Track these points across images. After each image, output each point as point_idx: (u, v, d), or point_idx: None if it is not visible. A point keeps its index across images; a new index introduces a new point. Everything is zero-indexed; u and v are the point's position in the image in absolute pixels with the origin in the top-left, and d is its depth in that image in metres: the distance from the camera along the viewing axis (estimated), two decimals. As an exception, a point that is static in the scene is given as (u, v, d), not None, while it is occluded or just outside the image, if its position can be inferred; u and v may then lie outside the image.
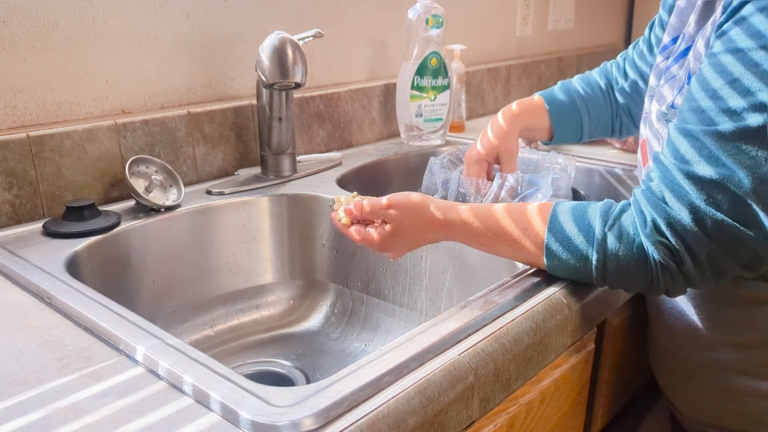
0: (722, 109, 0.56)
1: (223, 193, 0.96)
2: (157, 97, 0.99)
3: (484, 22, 1.64)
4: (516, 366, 0.59)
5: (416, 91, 1.23)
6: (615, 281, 0.62)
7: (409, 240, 0.70)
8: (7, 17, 0.83)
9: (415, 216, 0.68)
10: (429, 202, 0.69)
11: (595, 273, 0.62)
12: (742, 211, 0.56)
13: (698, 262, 0.58)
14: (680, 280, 0.60)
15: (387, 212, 0.69)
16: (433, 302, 0.90)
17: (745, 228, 0.56)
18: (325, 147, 1.22)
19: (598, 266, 0.61)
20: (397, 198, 0.69)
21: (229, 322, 0.93)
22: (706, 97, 0.58)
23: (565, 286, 0.67)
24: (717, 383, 0.71)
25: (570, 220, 0.63)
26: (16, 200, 0.84)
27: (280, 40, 0.91)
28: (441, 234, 0.69)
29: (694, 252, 0.58)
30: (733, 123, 0.55)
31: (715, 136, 0.56)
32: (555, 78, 1.90)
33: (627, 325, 0.81)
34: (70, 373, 0.52)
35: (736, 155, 0.55)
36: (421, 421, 0.49)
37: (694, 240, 0.57)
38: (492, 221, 0.66)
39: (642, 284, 0.61)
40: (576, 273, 0.64)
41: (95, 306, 0.61)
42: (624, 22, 2.25)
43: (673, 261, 0.59)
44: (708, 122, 0.57)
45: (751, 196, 0.55)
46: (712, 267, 0.59)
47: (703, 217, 0.56)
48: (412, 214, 0.68)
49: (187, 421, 0.46)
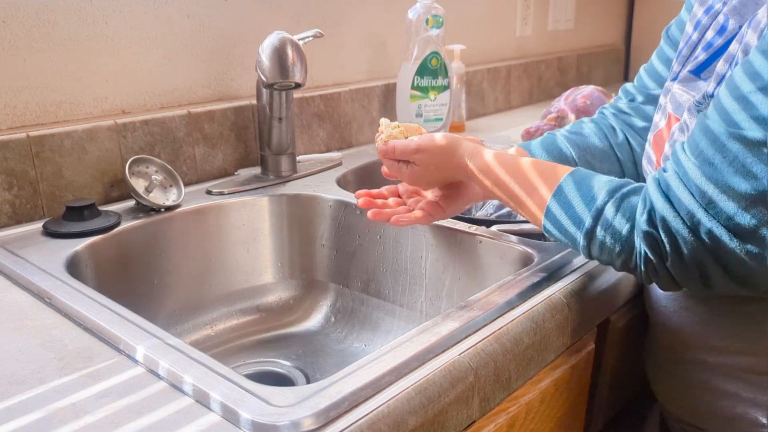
0: (752, 116, 0.53)
1: (223, 193, 0.96)
2: (157, 97, 0.99)
3: (484, 22, 1.64)
4: (516, 366, 0.59)
5: (416, 91, 1.23)
6: (599, 255, 0.63)
7: (437, 178, 0.76)
8: (7, 17, 0.83)
9: (440, 160, 0.73)
10: (456, 145, 0.73)
11: (582, 241, 0.62)
12: (741, 223, 0.54)
13: (683, 263, 0.57)
14: (664, 276, 0.59)
15: (414, 156, 0.74)
16: (433, 302, 0.90)
17: (740, 241, 0.54)
18: (325, 147, 1.22)
19: (584, 247, 0.62)
20: (424, 142, 0.74)
21: (229, 322, 0.93)
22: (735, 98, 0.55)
23: (565, 286, 0.67)
24: (698, 382, 0.70)
25: (574, 189, 0.63)
26: (16, 200, 0.84)
27: (280, 40, 0.91)
28: (465, 176, 0.73)
29: (680, 252, 0.56)
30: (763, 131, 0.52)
31: (736, 141, 0.53)
32: (555, 78, 1.90)
33: (630, 326, 0.81)
34: (70, 373, 0.52)
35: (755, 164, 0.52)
36: (421, 421, 0.49)
37: (683, 240, 0.56)
38: (512, 172, 0.68)
39: (623, 267, 0.62)
40: (567, 236, 0.64)
41: (95, 306, 0.61)
42: (624, 22, 2.25)
43: (657, 255, 0.58)
44: (733, 125, 0.54)
45: (753, 209, 0.53)
46: (699, 271, 0.57)
47: (700, 221, 0.55)
48: (438, 158, 0.73)
49: (187, 421, 0.46)
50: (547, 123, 1.27)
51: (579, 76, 2.02)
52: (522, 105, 1.78)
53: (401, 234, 0.90)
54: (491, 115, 1.65)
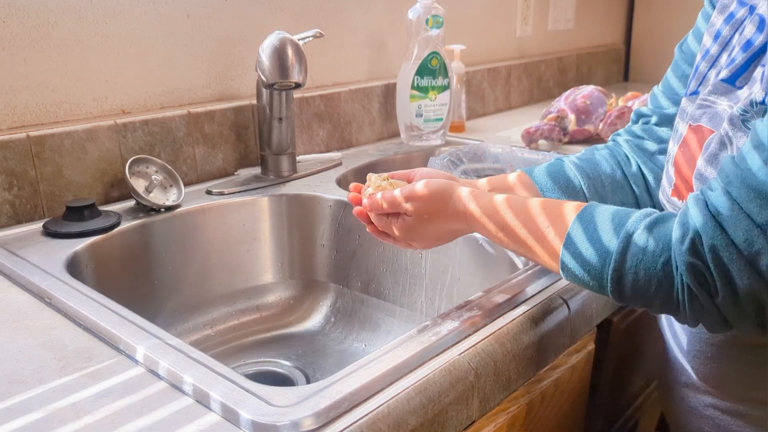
0: None
1: (223, 193, 0.96)
2: (157, 97, 0.99)
3: (484, 22, 1.64)
4: (516, 366, 0.59)
5: (416, 91, 1.23)
6: (632, 294, 0.53)
7: (432, 232, 0.66)
8: (7, 17, 0.82)
9: (435, 207, 0.64)
10: (452, 189, 0.64)
11: (610, 282, 0.53)
12: None
13: (737, 298, 0.48)
14: (713, 314, 0.50)
15: (404, 206, 0.65)
16: (433, 302, 0.90)
17: None
18: (325, 147, 1.22)
19: (612, 289, 0.53)
20: (415, 188, 0.64)
21: (229, 322, 0.93)
22: None
23: (565, 286, 0.67)
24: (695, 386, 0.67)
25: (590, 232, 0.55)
26: (17, 200, 0.84)
27: (280, 40, 0.91)
28: (464, 225, 0.64)
29: (734, 285, 0.47)
30: None
31: None
32: (555, 78, 1.90)
33: (632, 327, 0.81)
34: (70, 373, 0.52)
35: None
36: (421, 421, 0.49)
37: (738, 273, 0.47)
38: (519, 215, 0.60)
39: (663, 308, 0.52)
40: (591, 274, 0.55)
41: (95, 306, 0.61)
42: (624, 22, 2.25)
43: (704, 290, 0.49)
44: None
45: None
46: (756, 311, 0.48)
47: (760, 251, 0.46)
48: (431, 205, 0.64)
49: (188, 421, 0.46)
50: (547, 123, 1.27)
51: (579, 76, 2.02)
52: (522, 105, 1.78)
53: (401, 234, 0.90)
54: (491, 115, 1.65)
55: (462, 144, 1.26)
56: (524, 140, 1.26)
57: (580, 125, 1.28)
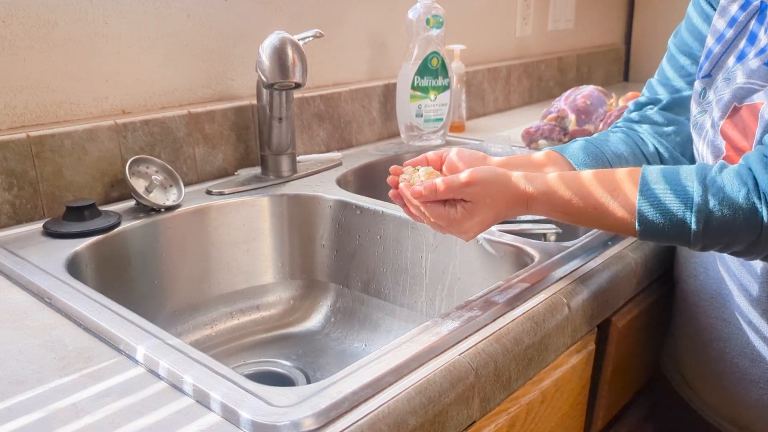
0: None
1: (223, 193, 0.96)
2: (157, 97, 0.99)
3: (484, 22, 1.64)
4: (516, 366, 0.59)
5: (416, 91, 1.23)
6: (716, 239, 0.58)
7: (492, 216, 0.65)
8: (7, 17, 0.82)
9: (496, 191, 0.63)
10: (507, 175, 0.65)
11: (692, 237, 0.58)
12: None
13: None
14: None
15: (465, 190, 0.63)
16: (433, 302, 0.90)
17: None
18: (325, 147, 1.22)
19: (697, 230, 0.57)
20: (476, 173, 0.64)
21: (229, 322, 0.93)
22: None
23: (565, 286, 0.67)
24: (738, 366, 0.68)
25: (663, 183, 0.59)
26: (17, 200, 0.84)
27: (280, 40, 0.91)
28: (522, 208, 0.65)
29: None
30: None
31: None
32: (555, 78, 1.90)
33: (632, 326, 0.81)
34: (71, 373, 0.52)
35: None
36: (421, 421, 0.49)
37: None
38: (578, 188, 0.62)
39: (747, 239, 0.57)
40: (671, 238, 0.60)
41: (95, 306, 0.61)
42: (624, 22, 2.25)
43: None
44: None
45: None
46: None
47: None
48: (493, 189, 0.63)
49: (188, 421, 0.46)
50: (547, 123, 1.27)
51: (579, 76, 2.02)
52: (522, 105, 1.78)
53: (401, 234, 0.90)
54: (491, 115, 1.65)
55: (462, 144, 1.26)
56: (524, 140, 1.26)
57: (581, 125, 1.28)
